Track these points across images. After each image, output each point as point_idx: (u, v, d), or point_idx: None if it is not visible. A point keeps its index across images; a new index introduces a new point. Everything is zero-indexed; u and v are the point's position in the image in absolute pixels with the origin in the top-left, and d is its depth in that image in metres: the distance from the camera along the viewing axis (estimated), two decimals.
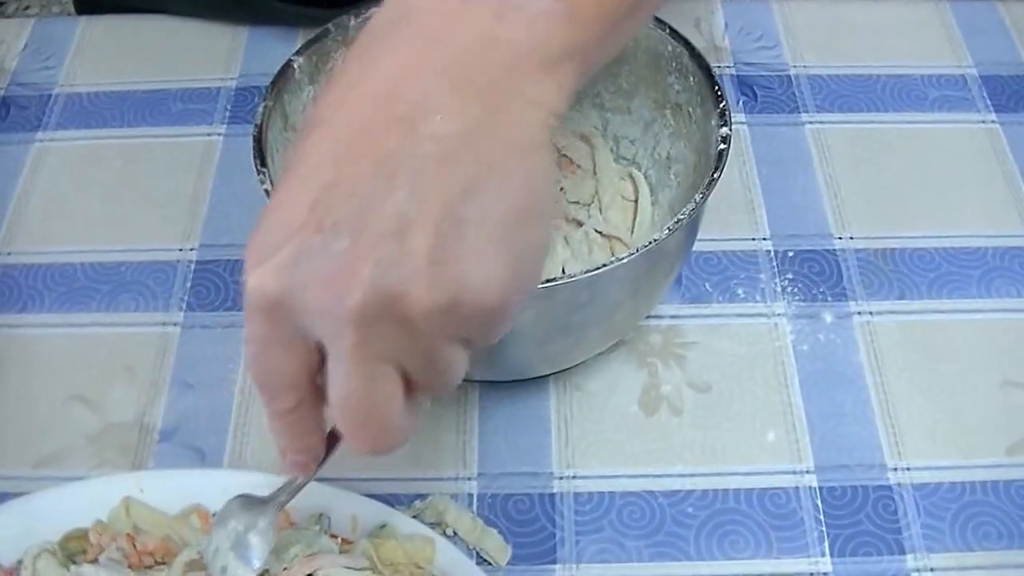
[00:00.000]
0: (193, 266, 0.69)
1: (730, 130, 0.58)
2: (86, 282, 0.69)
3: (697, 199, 0.55)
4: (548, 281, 0.51)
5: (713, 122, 0.59)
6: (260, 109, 0.59)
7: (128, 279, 0.69)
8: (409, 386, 0.40)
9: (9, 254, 0.70)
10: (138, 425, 0.62)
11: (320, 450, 0.44)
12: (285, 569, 0.49)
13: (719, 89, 0.60)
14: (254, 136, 0.58)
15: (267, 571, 0.49)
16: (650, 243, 0.53)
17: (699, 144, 0.62)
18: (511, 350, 0.57)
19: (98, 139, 0.77)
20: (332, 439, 0.45)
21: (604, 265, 0.52)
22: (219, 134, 0.76)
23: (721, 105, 0.59)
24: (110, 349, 0.65)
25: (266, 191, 0.55)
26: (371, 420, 0.39)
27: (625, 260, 0.52)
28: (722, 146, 0.57)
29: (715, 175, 0.56)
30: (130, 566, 0.51)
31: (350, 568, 0.49)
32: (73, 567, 0.49)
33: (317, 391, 0.41)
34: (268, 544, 0.46)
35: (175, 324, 0.66)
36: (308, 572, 0.49)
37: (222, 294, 0.67)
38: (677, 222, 0.54)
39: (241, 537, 0.46)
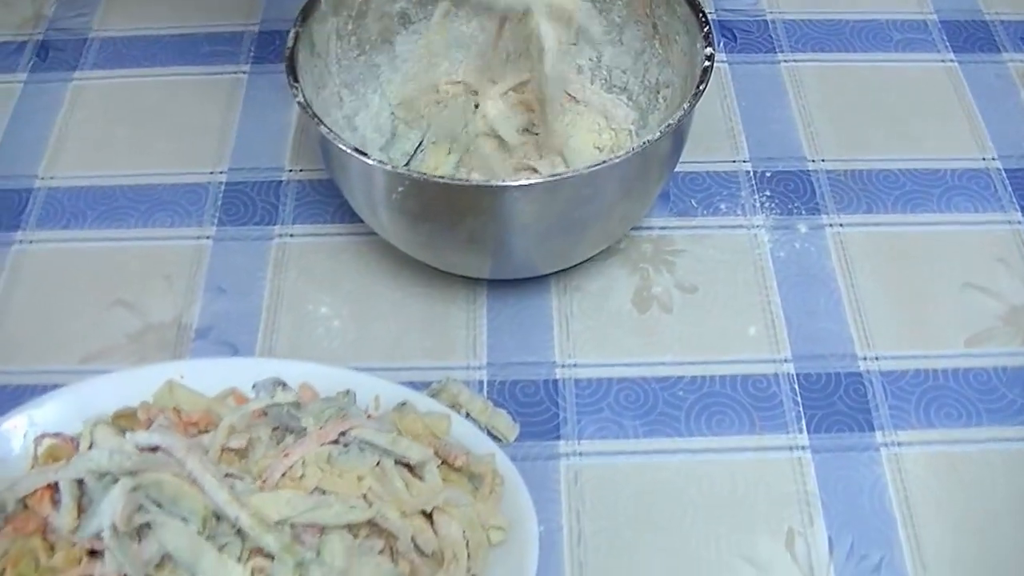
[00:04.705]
0: (223, 187, 0.71)
1: (714, 50, 0.60)
2: (124, 202, 0.71)
3: (685, 107, 0.58)
4: (553, 175, 0.54)
5: (698, 45, 0.61)
6: (291, 33, 0.61)
7: (163, 199, 0.71)
8: None
9: (52, 178, 0.72)
10: (176, 325, 0.64)
11: None
12: (320, 428, 0.51)
13: (703, 15, 0.62)
14: (287, 56, 0.60)
15: (304, 428, 0.52)
16: (645, 143, 0.55)
17: (685, 69, 0.64)
18: (517, 246, 0.59)
19: (131, 78, 0.79)
20: None
21: (604, 161, 0.54)
22: (244, 72, 0.78)
23: (705, 29, 0.61)
24: (148, 260, 0.67)
25: (299, 103, 0.58)
26: None
27: (622, 158, 0.55)
28: (707, 63, 0.60)
29: (701, 87, 0.59)
30: None
31: (378, 431, 0.52)
32: (128, 433, 0.51)
33: None
34: None
35: (208, 237, 0.68)
36: (341, 430, 0.51)
37: (250, 210, 0.70)
38: (668, 126, 0.56)
39: None
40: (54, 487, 0.52)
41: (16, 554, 0.50)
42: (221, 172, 0.72)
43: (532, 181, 0.54)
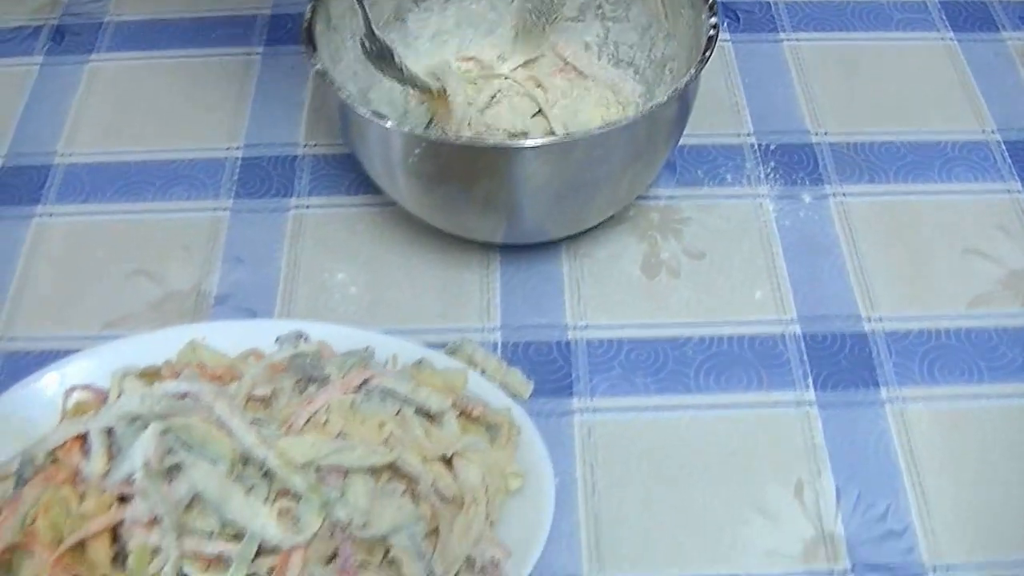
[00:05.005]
0: (239, 162, 0.74)
1: (718, 19, 0.63)
2: (141, 177, 0.73)
3: (692, 72, 0.60)
4: (566, 136, 0.57)
5: (703, 16, 0.64)
6: (308, 7, 0.63)
7: (180, 173, 0.73)
8: None
9: (71, 155, 0.75)
10: (195, 293, 0.67)
11: None
12: (344, 376, 0.54)
13: None
14: (304, 28, 0.62)
15: (328, 376, 0.54)
16: (653, 106, 0.58)
17: (691, 41, 0.67)
18: (529, 209, 0.62)
19: (147, 60, 0.81)
20: None
21: (614, 123, 0.57)
22: (257, 54, 0.81)
23: (710, 1, 0.64)
24: (167, 231, 0.70)
25: (317, 71, 0.60)
26: None
27: (632, 120, 0.57)
28: (712, 32, 0.62)
29: (707, 54, 0.61)
30: None
31: (399, 380, 0.54)
32: (156, 383, 0.54)
33: None
34: None
35: (225, 209, 0.71)
36: (364, 378, 0.54)
37: (267, 184, 0.72)
38: (675, 91, 0.59)
39: None
40: (83, 439, 0.54)
41: (47, 502, 0.52)
42: (237, 148, 0.74)
43: (545, 141, 0.57)
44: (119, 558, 0.51)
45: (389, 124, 0.58)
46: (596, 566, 0.56)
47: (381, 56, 0.66)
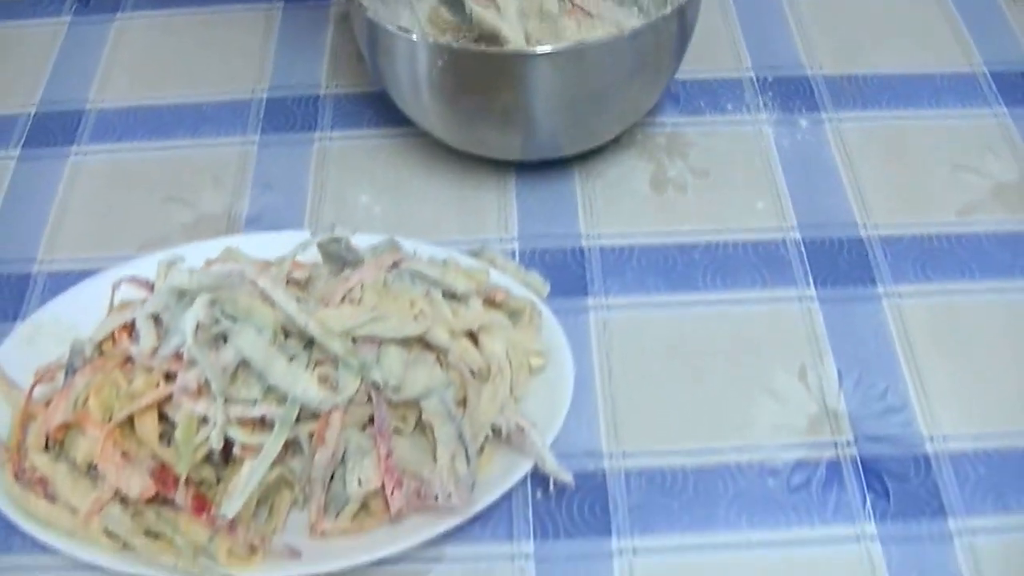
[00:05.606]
0: (264, 102, 0.79)
1: None
2: (171, 119, 0.79)
3: None
4: (577, 43, 0.62)
5: None
6: None
7: (208, 115, 0.79)
8: None
9: (102, 101, 0.80)
10: (227, 215, 0.72)
11: None
12: (377, 258, 0.59)
13: None
14: None
15: (363, 260, 0.59)
16: (658, 19, 0.64)
17: None
18: (544, 120, 0.67)
19: (171, 17, 0.87)
20: None
21: (622, 33, 0.63)
22: (278, 9, 0.87)
23: None
24: (198, 163, 0.75)
25: None
26: None
27: (637, 30, 0.63)
28: None
29: None
30: None
31: (428, 264, 0.59)
32: (202, 266, 0.59)
33: None
34: None
35: (253, 143, 0.76)
36: (394, 260, 0.59)
37: (291, 120, 0.78)
38: (678, 5, 0.65)
39: None
40: (130, 329, 0.59)
41: (98, 384, 0.57)
42: (262, 90, 0.80)
43: (559, 48, 0.62)
44: (165, 436, 0.56)
45: (415, 36, 0.63)
46: (614, 441, 0.60)
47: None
